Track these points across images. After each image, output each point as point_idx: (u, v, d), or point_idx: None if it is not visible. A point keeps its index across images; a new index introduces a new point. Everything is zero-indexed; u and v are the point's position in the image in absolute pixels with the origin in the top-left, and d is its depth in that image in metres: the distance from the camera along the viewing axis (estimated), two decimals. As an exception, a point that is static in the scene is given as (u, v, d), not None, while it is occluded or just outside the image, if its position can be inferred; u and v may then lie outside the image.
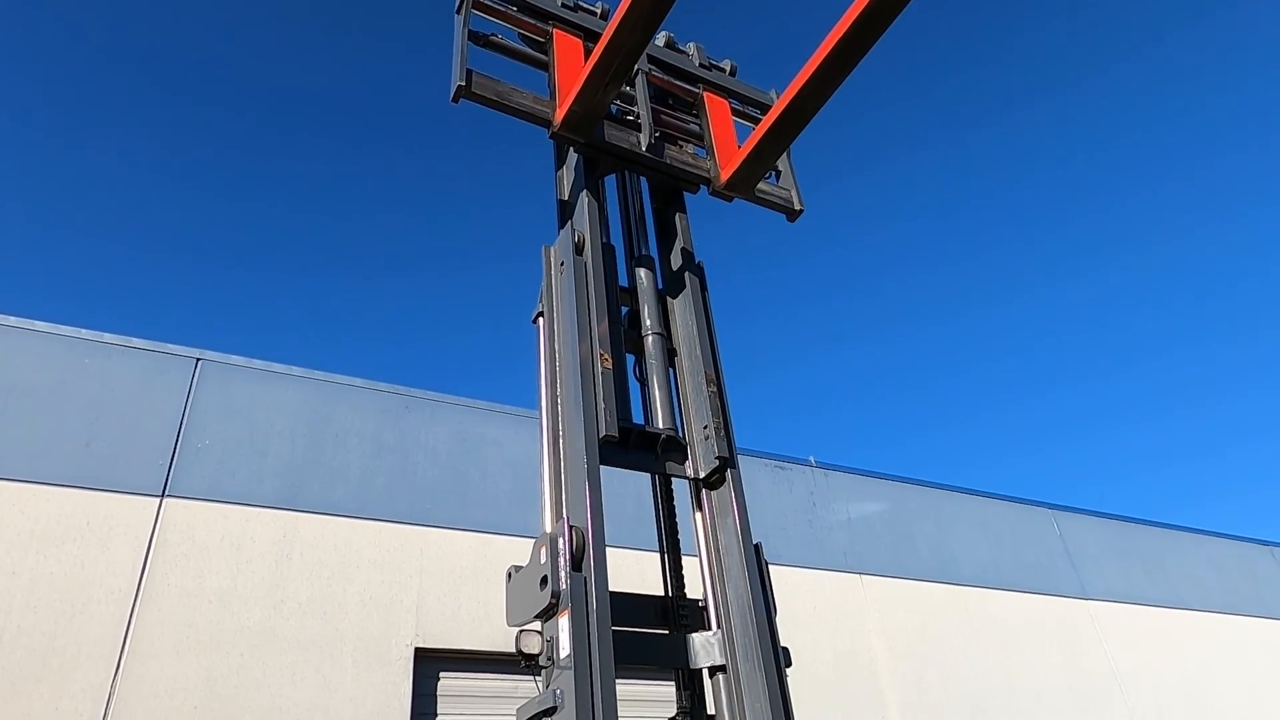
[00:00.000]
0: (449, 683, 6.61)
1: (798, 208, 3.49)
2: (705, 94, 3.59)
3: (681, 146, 3.46)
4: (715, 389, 2.97)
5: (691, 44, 3.78)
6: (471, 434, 7.72)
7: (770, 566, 2.80)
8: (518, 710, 2.31)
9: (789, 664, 2.60)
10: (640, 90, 3.36)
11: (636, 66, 3.35)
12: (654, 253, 3.40)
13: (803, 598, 8.38)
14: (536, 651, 2.28)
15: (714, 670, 2.59)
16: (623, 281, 3.25)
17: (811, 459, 9.74)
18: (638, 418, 2.96)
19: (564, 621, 2.25)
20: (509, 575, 2.53)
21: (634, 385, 3.09)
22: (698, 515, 2.90)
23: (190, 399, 6.58)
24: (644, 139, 3.23)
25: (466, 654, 6.66)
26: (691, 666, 2.63)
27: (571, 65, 3.19)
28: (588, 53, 3.22)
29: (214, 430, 6.56)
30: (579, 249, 2.97)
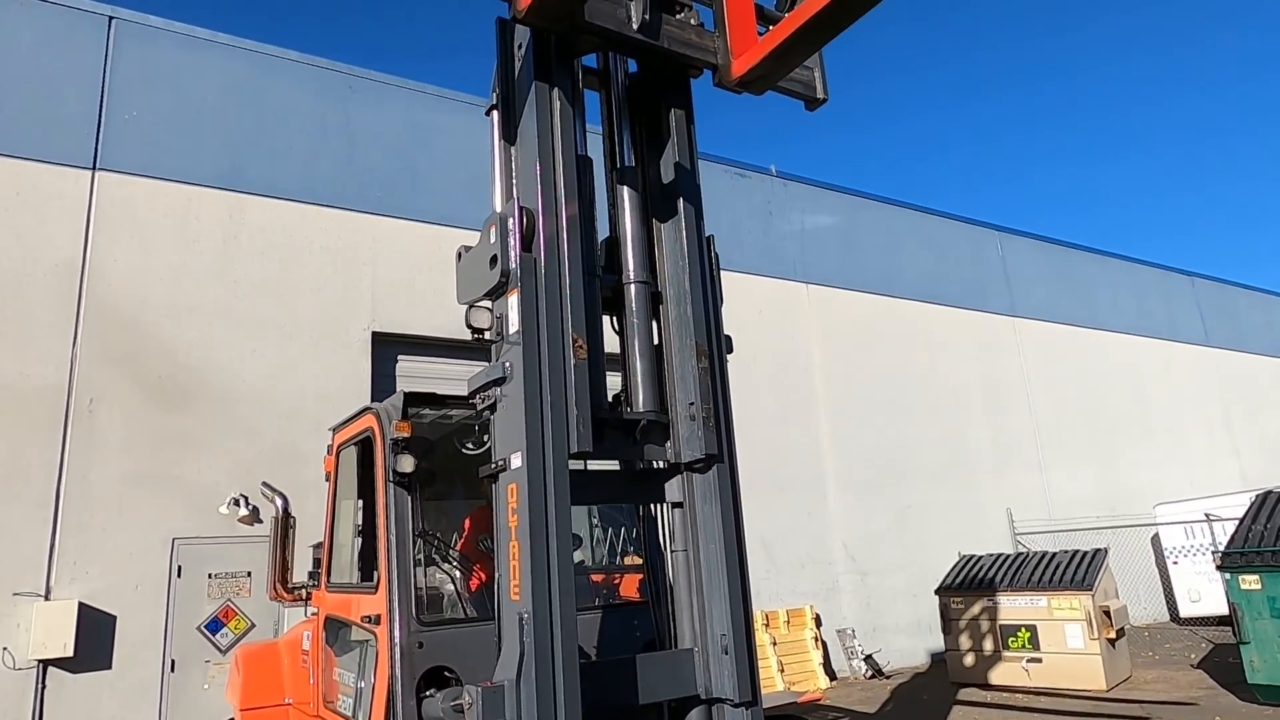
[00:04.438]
0: (407, 364, 6.93)
1: (820, 96, 2.77)
2: None
3: (682, 11, 2.64)
4: (707, 365, 2.50)
5: None
6: (421, 121, 7.34)
7: (721, 271, 2.81)
8: (469, 380, 2.41)
9: (730, 350, 2.72)
10: None
11: None
12: (633, 153, 2.73)
13: (751, 302, 8.70)
14: (486, 326, 2.33)
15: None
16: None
17: (772, 168, 9.61)
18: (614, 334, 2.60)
19: (513, 300, 2.28)
20: (459, 255, 2.52)
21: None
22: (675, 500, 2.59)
23: (108, 64, 6.02)
24: (636, 12, 2.47)
25: (423, 339, 6.91)
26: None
27: None
28: None
29: (140, 100, 6.09)
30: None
